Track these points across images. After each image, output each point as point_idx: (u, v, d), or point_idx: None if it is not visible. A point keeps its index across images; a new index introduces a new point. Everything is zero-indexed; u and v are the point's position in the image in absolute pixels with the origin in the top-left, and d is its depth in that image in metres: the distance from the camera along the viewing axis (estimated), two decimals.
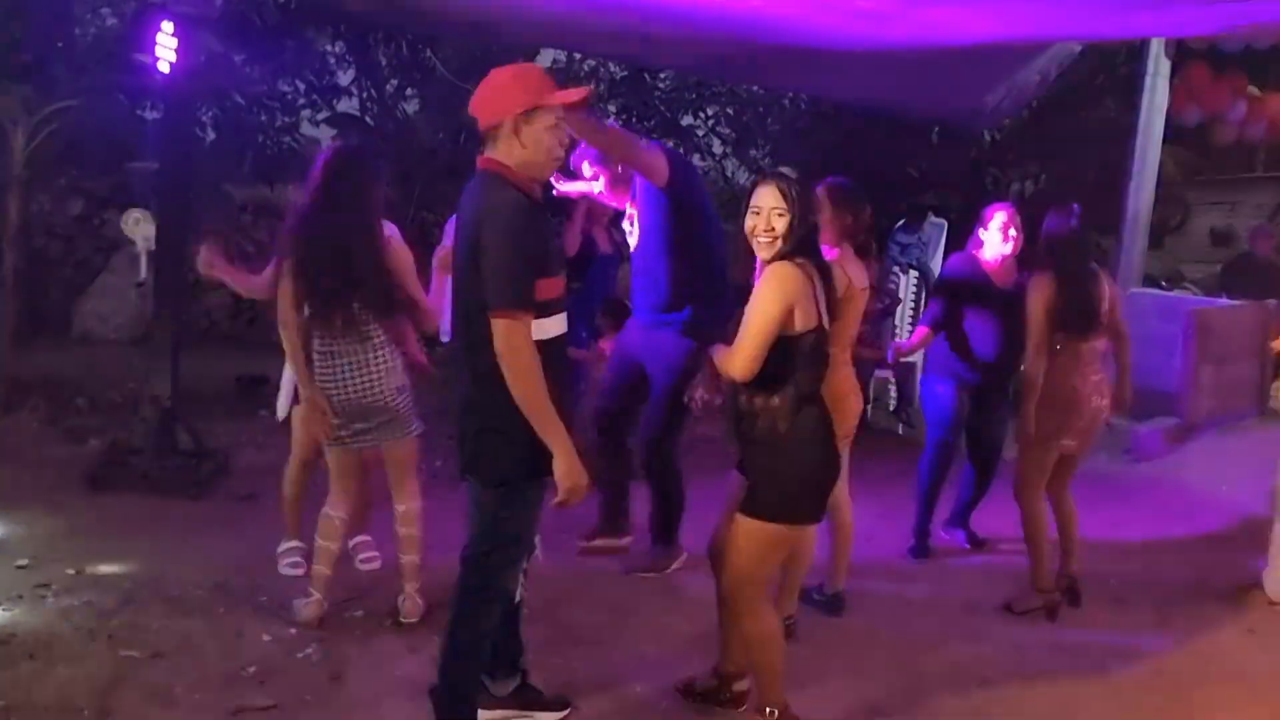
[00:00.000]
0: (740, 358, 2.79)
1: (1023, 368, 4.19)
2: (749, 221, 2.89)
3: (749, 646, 3.02)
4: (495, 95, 2.61)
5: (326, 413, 3.49)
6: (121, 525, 4.42)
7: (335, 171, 3.44)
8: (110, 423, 5.57)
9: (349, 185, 3.43)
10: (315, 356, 3.49)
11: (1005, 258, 4.60)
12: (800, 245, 2.85)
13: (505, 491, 2.69)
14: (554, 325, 2.67)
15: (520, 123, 2.58)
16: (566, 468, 2.58)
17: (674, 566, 4.28)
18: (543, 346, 2.58)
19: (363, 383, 3.47)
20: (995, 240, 4.58)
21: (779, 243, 2.84)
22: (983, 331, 4.55)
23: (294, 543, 4.05)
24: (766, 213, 2.85)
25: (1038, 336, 4.03)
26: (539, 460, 2.61)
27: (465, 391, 2.70)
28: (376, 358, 3.49)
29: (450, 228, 3.88)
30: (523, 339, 2.52)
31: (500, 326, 2.51)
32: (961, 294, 4.60)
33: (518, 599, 3.00)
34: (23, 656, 3.23)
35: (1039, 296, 4.03)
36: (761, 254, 2.88)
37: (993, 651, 3.81)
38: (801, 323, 2.81)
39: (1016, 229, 4.59)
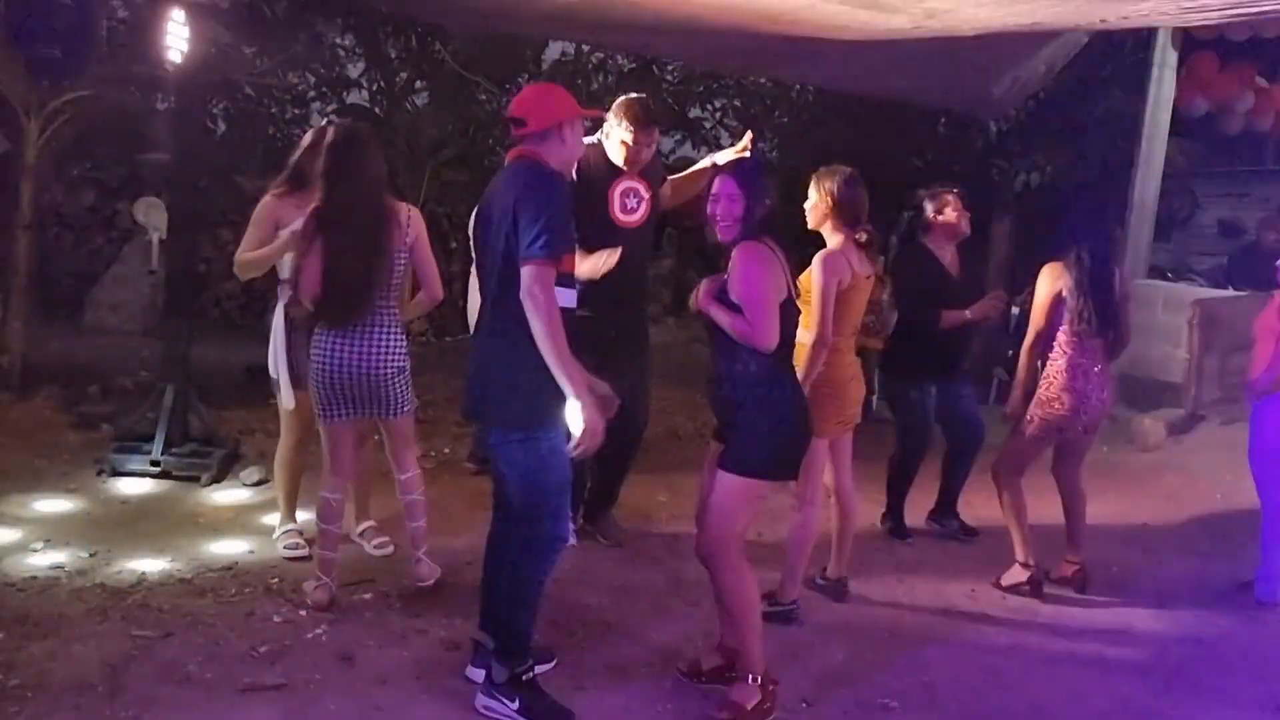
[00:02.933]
0: (771, 331, 3.00)
1: (1024, 354, 4.18)
2: (709, 208, 3.14)
3: (726, 604, 3.11)
4: (549, 103, 3.00)
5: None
6: (134, 510, 4.48)
7: (341, 154, 3.48)
8: (122, 409, 5.63)
9: (354, 167, 3.48)
10: (316, 331, 3.53)
11: (954, 244, 4.63)
12: (759, 227, 3.07)
13: (533, 441, 2.89)
14: (568, 297, 2.94)
15: (566, 126, 2.98)
16: (587, 413, 2.78)
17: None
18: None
19: (363, 359, 3.49)
20: (948, 225, 4.59)
21: (738, 226, 3.08)
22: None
23: (290, 525, 4.10)
24: (725, 200, 3.11)
25: (1038, 325, 4.05)
26: (558, 410, 2.85)
27: (490, 352, 2.94)
28: (382, 335, 3.52)
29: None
30: (548, 286, 2.78)
31: (531, 272, 2.76)
32: (926, 292, 4.60)
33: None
34: (38, 636, 3.29)
35: (1049, 285, 4.03)
36: (722, 237, 3.12)
37: (994, 635, 3.85)
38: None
39: (965, 213, 4.62)
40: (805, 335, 3.70)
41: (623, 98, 4.13)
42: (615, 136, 4.06)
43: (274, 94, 9.29)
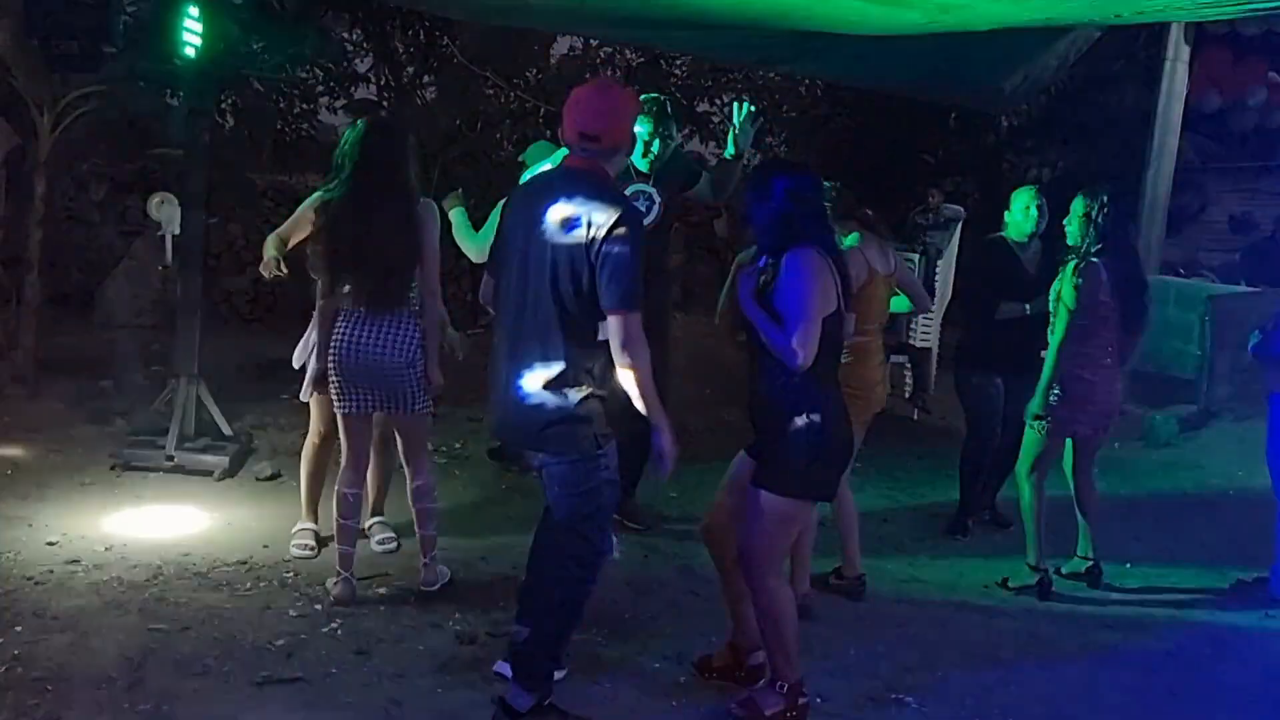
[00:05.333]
0: (808, 348, 2.84)
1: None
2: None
3: (762, 622, 3.07)
4: (622, 116, 2.87)
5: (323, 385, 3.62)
6: (148, 504, 4.49)
7: (370, 149, 3.49)
8: (135, 404, 5.64)
9: (384, 164, 3.48)
10: (345, 313, 3.53)
11: (1029, 240, 4.63)
12: (802, 233, 2.92)
13: (591, 463, 2.83)
14: None
15: (632, 136, 2.98)
16: (669, 440, 2.80)
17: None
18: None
19: (375, 348, 3.49)
20: (1020, 221, 4.62)
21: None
22: (1015, 318, 4.57)
23: (307, 524, 4.11)
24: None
25: (1074, 322, 4.00)
26: (610, 434, 2.85)
27: (539, 379, 2.76)
28: (396, 326, 3.52)
29: None
30: (641, 333, 2.73)
31: (630, 323, 2.70)
32: (993, 281, 4.62)
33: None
34: (57, 629, 3.30)
35: (1090, 287, 3.95)
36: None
37: (1007, 630, 3.85)
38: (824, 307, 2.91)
39: (1040, 211, 4.61)
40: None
41: (640, 98, 4.14)
42: (636, 136, 4.07)
43: (282, 89, 9.30)
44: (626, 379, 2.73)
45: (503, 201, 3.23)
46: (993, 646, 3.71)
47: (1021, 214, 4.62)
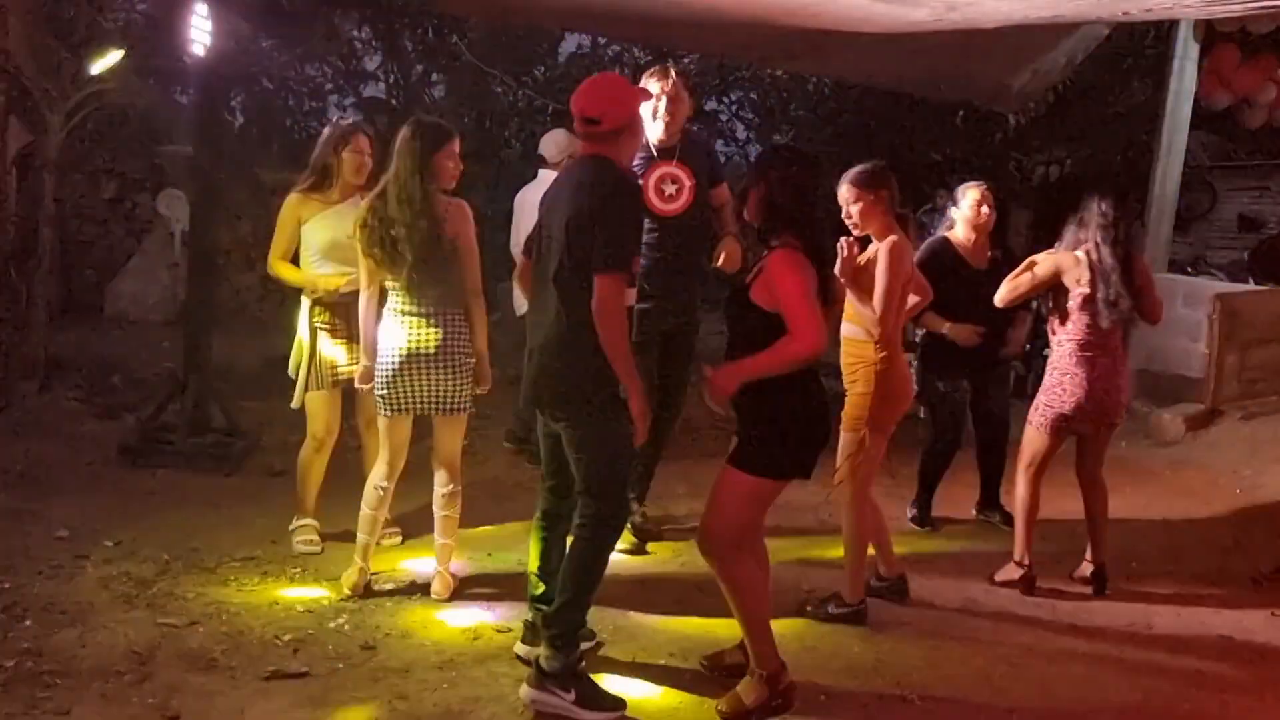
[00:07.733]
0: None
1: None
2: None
3: (728, 594, 3.08)
4: (620, 101, 3.07)
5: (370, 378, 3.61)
6: (157, 499, 4.53)
7: (407, 150, 3.47)
8: (144, 400, 5.67)
9: (418, 161, 3.46)
10: (389, 315, 3.53)
11: (977, 237, 4.63)
12: (785, 229, 2.95)
13: (606, 423, 3.02)
14: (632, 295, 3.10)
15: (637, 120, 3.13)
16: (640, 406, 3.00)
17: None
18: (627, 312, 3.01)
19: (427, 349, 3.50)
20: (968, 218, 4.62)
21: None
22: (963, 313, 4.55)
23: (306, 520, 4.11)
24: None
25: (1019, 291, 4.09)
26: (624, 404, 3.03)
27: (563, 343, 3.00)
28: (447, 327, 3.52)
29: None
30: (618, 294, 2.92)
31: (606, 283, 2.90)
32: (933, 277, 4.60)
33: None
34: (66, 623, 3.33)
35: (1052, 268, 4.01)
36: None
37: (1013, 630, 3.84)
38: None
39: (989, 206, 4.60)
40: (848, 329, 3.72)
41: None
42: (645, 108, 4.05)
43: (291, 87, 9.33)
44: (600, 335, 2.90)
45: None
46: (999, 646, 3.70)
47: (971, 211, 4.61)
